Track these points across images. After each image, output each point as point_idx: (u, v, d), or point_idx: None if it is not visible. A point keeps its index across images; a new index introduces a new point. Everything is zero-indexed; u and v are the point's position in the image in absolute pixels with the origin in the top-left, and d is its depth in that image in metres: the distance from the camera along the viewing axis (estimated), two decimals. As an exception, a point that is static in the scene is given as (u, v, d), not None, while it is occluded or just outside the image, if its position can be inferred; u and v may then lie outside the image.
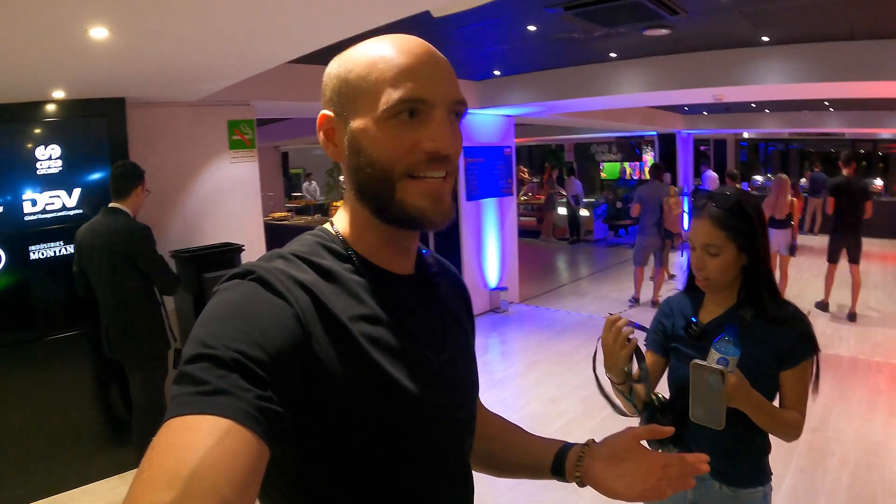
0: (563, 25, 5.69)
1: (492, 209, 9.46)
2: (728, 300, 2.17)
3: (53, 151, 4.47)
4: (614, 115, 12.17)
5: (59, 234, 4.53)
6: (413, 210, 1.05)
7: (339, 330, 0.99)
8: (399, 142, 1.02)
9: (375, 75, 1.03)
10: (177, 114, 5.47)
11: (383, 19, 3.17)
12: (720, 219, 2.07)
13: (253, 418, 0.80)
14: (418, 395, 1.07)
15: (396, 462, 1.05)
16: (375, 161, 1.03)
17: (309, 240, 1.11)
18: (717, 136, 19.57)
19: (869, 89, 7.37)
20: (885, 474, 4.53)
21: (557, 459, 1.36)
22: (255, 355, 0.85)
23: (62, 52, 3.25)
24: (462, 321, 1.30)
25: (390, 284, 1.12)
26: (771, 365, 2.07)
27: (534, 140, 21.20)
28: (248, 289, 0.96)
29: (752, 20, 5.70)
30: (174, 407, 0.79)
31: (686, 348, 2.17)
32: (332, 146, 1.10)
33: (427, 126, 1.03)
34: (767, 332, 2.06)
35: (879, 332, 8.07)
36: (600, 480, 1.27)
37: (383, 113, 1.02)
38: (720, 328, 2.02)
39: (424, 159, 1.03)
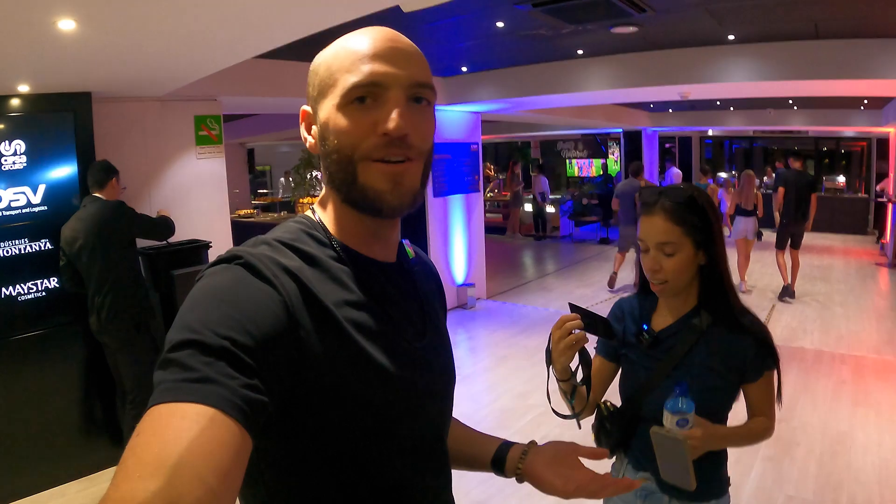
0: (530, 22, 5.70)
1: (458, 206, 9.47)
2: (683, 305, 2.03)
3: (18, 147, 4.38)
4: (581, 112, 12.24)
5: (25, 230, 4.44)
6: (372, 193, 1.06)
7: (325, 316, 1.00)
8: (357, 126, 1.04)
9: (337, 65, 1.06)
10: (144, 109, 5.42)
11: (352, 14, 3.16)
12: (675, 213, 1.92)
13: (238, 408, 0.79)
14: (403, 380, 1.08)
15: (379, 448, 1.06)
16: (339, 147, 1.05)
17: (292, 227, 1.11)
18: (683, 134, 19.73)
19: (833, 88, 7.50)
20: (850, 462, 4.62)
21: (499, 453, 1.40)
22: (242, 342, 0.85)
23: (29, 44, 3.20)
24: (438, 311, 1.32)
25: (372, 271, 1.13)
26: (729, 378, 1.96)
27: (500, 137, 21.23)
28: (236, 273, 0.96)
29: (718, 18, 5.75)
30: (159, 393, 0.79)
31: (637, 357, 2.08)
32: (310, 139, 1.13)
33: (381, 109, 1.04)
34: (725, 341, 1.95)
35: (843, 324, 8.22)
36: (540, 476, 1.31)
37: (341, 99, 1.04)
38: (673, 338, 1.99)
39: (382, 142, 1.04)
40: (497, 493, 4.22)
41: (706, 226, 1.93)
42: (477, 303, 9.65)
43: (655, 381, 1.98)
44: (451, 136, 9.19)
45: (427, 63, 1.12)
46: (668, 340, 2.01)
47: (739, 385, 1.99)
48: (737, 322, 1.96)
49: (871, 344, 7.45)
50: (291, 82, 6.45)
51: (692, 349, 1.96)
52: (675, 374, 1.95)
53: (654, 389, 1.98)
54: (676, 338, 1.99)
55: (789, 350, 7.17)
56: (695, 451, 1.81)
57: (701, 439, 1.80)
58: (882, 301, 9.70)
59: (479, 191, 9.93)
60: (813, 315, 8.68)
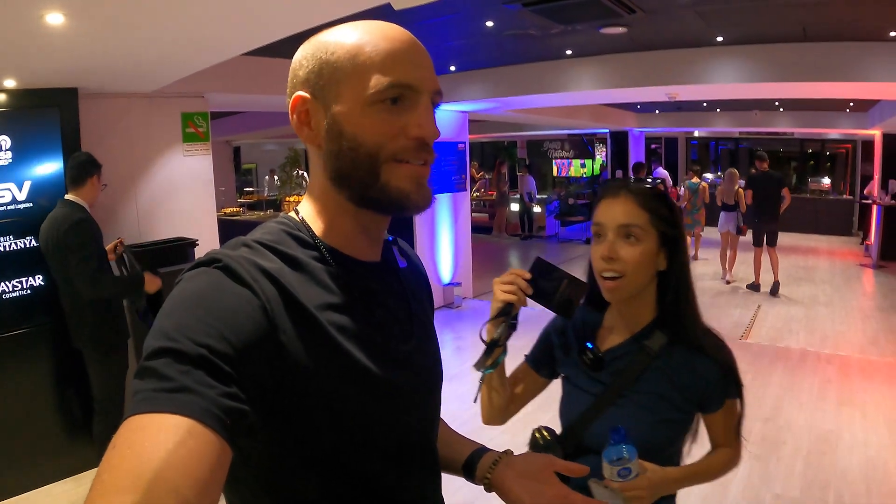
0: (520, 22, 5.71)
1: (445, 205, 9.47)
2: (636, 319, 1.77)
3: (3, 142, 4.34)
4: (568, 112, 12.27)
5: (10, 227, 4.40)
6: (397, 193, 1.04)
7: (306, 319, 0.98)
8: (386, 126, 1.02)
9: (362, 59, 1.02)
10: (130, 105, 5.38)
11: (341, 11, 3.15)
12: (643, 198, 1.69)
13: (216, 418, 0.78)
14: (387, 383, 1.07)
15: (364, 451, 1.05)
16: (361, 144, 1.02)
17: (274, 227, 1.09)
18: (669, 135, 19.81)
19: (819, 90, 7.55)
20: (836, 461, 4.65)
21: (471, 458, 1.36)
22: (220, 349, 0.83)
23: (16, 37, 3.18)
24: (426, 308, 1.30)
25: (357, 272, 1.10)
26: (685, 408, 1.72)
27: (487, 137, 21.27)
28: (214, 278, 0.93)
29: (706, 20, 5.78)
30: (136, 403, 0.77)
31: (579, 379, 1.82)
32: (307, 129, 1.06)
33: (412, 112, 1.04)
34: (683, 365, 1.70)
35: (828, 325, 8.28)
36: (509, 489, 1.27)
37: (371, 97, 1.01)
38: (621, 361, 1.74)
39: (412, 145, 1.03)
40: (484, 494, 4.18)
41: (672, 219, 1.72)
42: (463, 302, 9.65)
43: (599, 410, 1.73)
44: (438, 135, 9.15)
45: None
46: (616, 363, 1.74)
47: (695, 414, 1.75)
48: (697, 344, 1.71)
49: (856, 344, 7.50)
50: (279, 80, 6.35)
51: (643, 374, 1.70)
52: (622, 403, 1.71)
53: (597, 418, 1.73)
54: (625, 360, 1.73)
55: (775, 350, 7.22)
56: (642, 503, 1.59)
57: (648, 489, 1.58)
58: (867, 301, 9.79)
59: (466, 190, 9.94)
60: (798, 315, 8.73)
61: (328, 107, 1.03)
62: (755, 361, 6.81)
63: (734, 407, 1.78)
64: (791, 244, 14.58)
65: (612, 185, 1.76)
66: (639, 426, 1.65)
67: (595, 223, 1.74)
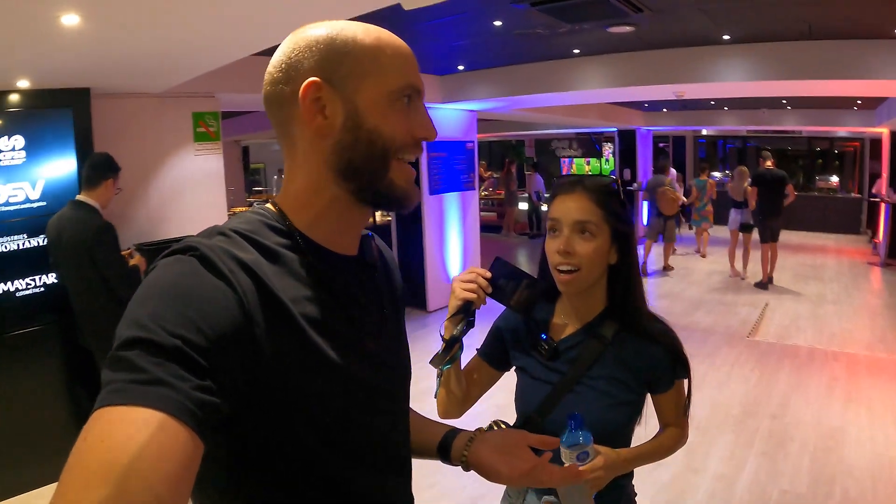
0: (528, 21, 5.73)
1: (454, 203, 9.50)
2: (587, 310, 1.85)
3: (17, 142, 4.39)
4: (575, 111, 12.27)
5: (23, 226, 4.45)
6: (400, 191, 1.08)
7: (282, 313, 0.96)
8: (403, 123, 1.06)
9: (384, 57, 1.05)
10: (142, 105, 5.43)
11: (352, 11, 3.18)
12: (598, 195, 1.75)
13: (189, 412, 0.77)
14: (359, 379, 1.07)
15: (334, 447, 1.04)
16: (379, 138, 1.04)
17: (251, 217, 1.07)
18: (677, 133, 19.76)
19: (826, 88, 7.55)
20: (843, 457, 4.67)
21: (445, 440, 1.39)
22: (195, 341, 0.82)
23: (32, 38, 3.22)
24: (398, 304, 1.31)
25: (334, 265, 1.09)
26: (638, 390, 1.81)
27: (494, 136, 21.26)
28: (189, 267, 0.92)
29: (713, 19, 5.80)
30: (108, 394, 0.76)
31: (534, 370, 1.88)
32: (320, 118, 1.03)
33: (418, 114, 1.08)
34: (634, 350, 1.79)
35: (836, 323, 8.28)
36: (487, 464, 1.31)
37: (393, 94, 1.04)
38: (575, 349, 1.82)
39: (413, 144, 1.08)
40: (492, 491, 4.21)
41: (626, 218, 1.79)
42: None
43: (558, 397, 1.80)
44: (447, 135, 9.21)
45: None
46: (570, 351, 1.83)
47: (645, 396, 1.85)
48: (645, 330, 1.81)
49: (864, 341, 7.50)
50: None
51: (597, 360, 1.79)
52: (579, 389, 1.79)
53: (556, 406, 1.80)
54: (579, 348, 1.82)
55: (782, 348, 7.23)
56: (600, 482, 1.65)
57: (605, 469, 1.64)
58: (874, 299, 9.79)
59: (475, 189, 9.97)
60: (806, 313, 8.73)
61: (348, 99, 1.03)
62: (762, 359, 6.84)
63: (682, 387, 1.89)
64: (799, 242, 14.57)
65: (568, 181, 1.81)
66: (596, 410, 1.74)
67: (551, 218, 1.79)
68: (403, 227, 9.37)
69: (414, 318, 8.87)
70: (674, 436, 1.90)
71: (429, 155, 8.89)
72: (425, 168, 8.87)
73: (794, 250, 13.42)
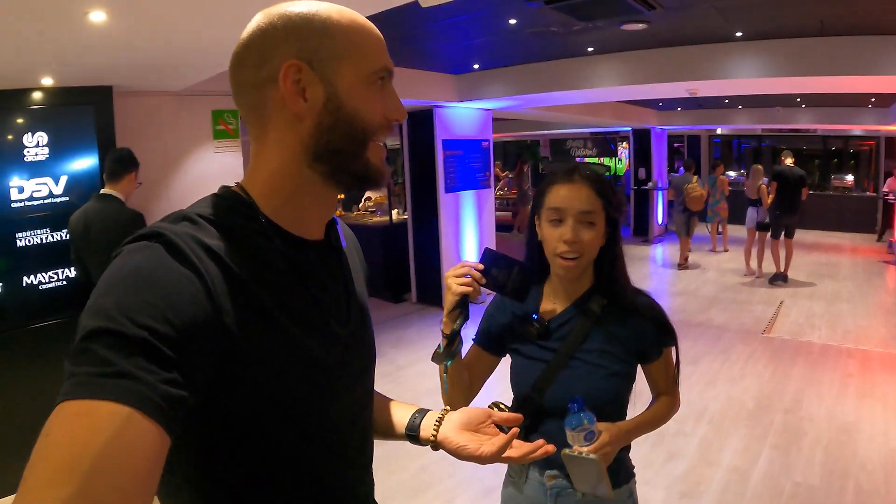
0: (542, 19, 5.77)
1: (469, 201, 9.54)
2: (577, 289, 1.93)
3: (41, 139, 4.48)
4: (590, 109, 12.29)
5: (46, 220, 4.55)
6: (375, 171, 1.08)
7: (249, 299, 0.95)
8: (379, 105, 1.07)
9: (360, 38, 1.05)
10: (162, 103, 5.51)
11: (371, 9, 3.21)
12: (598, 185, 1.84)
13: (156, 406, 0.76)
14: (327, 364, 1.07)
15: (300, 433, 1.03)
16: (359, 119, 1.04)
17: (216, 201, 1.05)
18: (691, 133, 19.73)
19: (839, 84, 7.54)
20: (856, 451, 4.69)
21: (412, 422, 1.38)
22: (162, 331, 0.80)
23: (58, 36, 3.27)
24: (363, 291, 1.30)
25: (300, 249, 1.08)
26: (630, 361, 1.89)
27: (509, 136, 21.28)
28: (155, 254, 0.89)
29: (725, 15, 5.81)
30: (71, 387, 0.74)
31: (528, 350, 1.95)
32: (300, 101, 1.02)
33: (391, 97, 1.10)
34: (622, 323, 1.88)
35: (850, 320, 8.28)
36: (454, 442, 1.30)
37: (372, 75, 1.05)
38: (566, 326, 1.89)
39: (387, 125, 1.09)
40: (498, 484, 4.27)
41: (618, 205, 1.89)
42: (488, 297, 9.58)
43: (553, 374, 1.87)
44: (462, 133, 9.27)
45: None
46: (561, 329, 1.90)
47: (636, 367, 1.93)
48: (632, 303, 1.90)
49: (878, 338, 7.50)
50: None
51: (588, 335, 1.87)
52: (573, 364, 1.86)
53: (553, 382, 1.86)
54: (570, 325, 1.89)
55: (796, 344, 7.25)
56: (608, 458, 1.74)
57: (612, 444, 1.72)
58: (889, 297, 9.77)
59: (490, 187, 10.00)
60: (820, 311, 8.73)
61: (328, 81, 1.02)
62: (777, 355, 6.86)
63: (670, 356, 1.98)
64: (814, 241, 14.53)
65: (565, 170, 1.89)
66: (591, 382, 1.83)
67: (554, 208, 1.84)
68: (419, 224, 9.43)
69: (430, 315, 8.95)
70: (667, 403, 2.01)
71: (444, 153, 8.95)
72: (441, 166, 8.93)
73: (809, 249, 13.39)
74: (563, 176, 1.87)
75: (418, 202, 9.38)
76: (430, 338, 7.94)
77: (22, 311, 4.48)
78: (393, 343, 7.68)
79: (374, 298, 9.55)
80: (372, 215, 10.90)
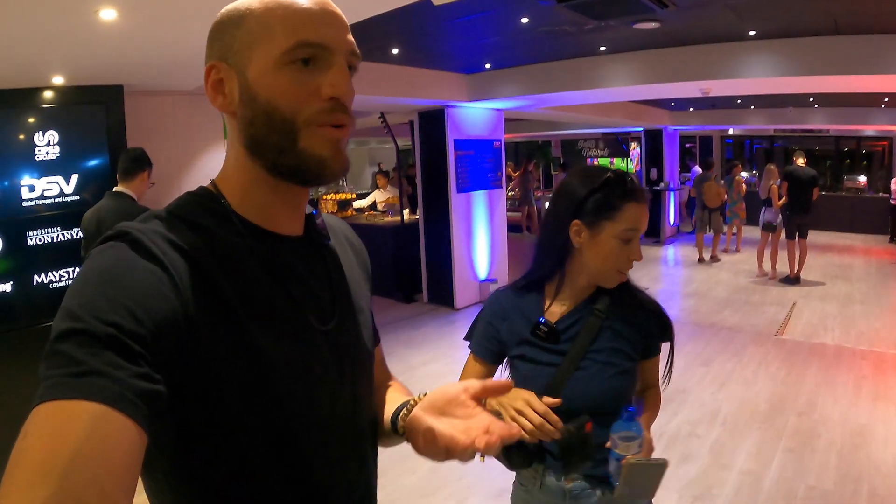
0: (554, 18, 5.75)
1: (481, 201, 9.52)
2: (582, 291, 1.93)
3: (52, 137, 4.51)
4: (602, 109, 12.26)
5: (57, 219, 4.58)
6: (314, 160, 1.00)
7: (218, 296, 0.94)
8: (300, 88, 0.98)
9: (273, 21, 0.98)
10: (173, 103, 5.52)
11: (384, 7, 3.22)
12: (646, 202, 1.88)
13: (129, 402, 0.75)
14: (299, 364, 1.02)
15: (279, 435, 1.00)
16: (275, 108, 0.98)
17: (188, 199, 1.04)
18: (703, 133, 19.69)
19: (852, 84, 7.50)
20: (870, 454, 4.64)
21: (395, 416, 1.23)
22: (130, 328, 0.80)
23: (68, 33, 3.29)
24: (358, 286, 1.24)
25: (275, 246, 1.05)
26: (632, 356, 1.90)
27: (521, 136, 21.25)
28: (120, 252, 0.89)
29: (738, 14, 5.78)
30: (45, 390, 0.74)
31: (536, 354, 1.91)
32: (220, 98, 1.02)
33: (326, 72, 0.99)
34: (626, 321, 1.90)
35: (863, 322, 8.21)
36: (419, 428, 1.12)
37: (282, 57, 0.97)
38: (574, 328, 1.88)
39: (327, 107, 0.99)
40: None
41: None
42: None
43: (567, 375, 1.84)
44: (474, 133, 9.26)
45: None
46: (570, 330, 1.89)
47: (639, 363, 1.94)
48: (635, 301, 1.94)
49: (892, 340, 7.43)
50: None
51: (597, 334, 1.87)
52: (585, 364, 1.85)
53: (564, 385, 1.83)
54: (579, 326, 1.88)
55: (810, 346, 7.20)
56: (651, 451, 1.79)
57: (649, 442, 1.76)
58: (903, 299, 9.70)
59: (502, 187, 9.98)
60: (833, 312, 8.67)
61: (241, 72, 0.99)
62: (790, 357, 6.81)
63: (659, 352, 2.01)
64: (826, 242, 14.45)
65: (635, 188, 1.86)
66: (604, 380, 1.85)
67: (632, 228, 1.83)
68: (431, 224, 9.42)
69: (441, 316, 8.94)
70: (658, 394, 2.09)
71: (456, 153, 8.93)
72: (453, 166, 8.92)
73: (822, 250, 13.31)
74: (639, 194, 1.86)
75: (430, 202, 9.37)
76: (442, 338, 7.95)
77: (32, 309, 4.50)
78: (404, 342, 7.68)
79: (385, 298, 9.62)
80: (383, 215, 10.89)
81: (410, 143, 9.75)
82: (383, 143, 19.03)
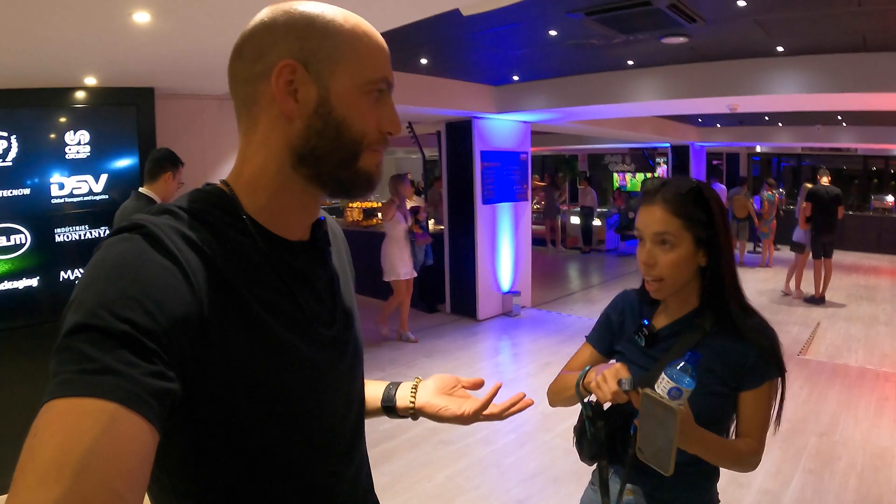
0: (583, 31, 5.76)
1: (506, 213, 9.55)
2: (683, 307, 1.87)
3: (82, 137, 4.57)
4: (629, 124, 12.24)
5: (85, 217, 4.63)
6: (366, 177, 1.07)
7: (232, 294, 0.94)
8: (373, 115, 1.04)
9: (362, 45, 1.03)
10: (203, 106, 5.57)
11: (414, 16, 3.23)
12: (675, 204, 1.76)
13: (142, 401, 0.75)
14: (312, 364, 1.05)
15: (286, 434, 1.01)
16: (348, 128, 1.02)
17: (200, 196, 1.03)
18: (730, 150, 19.58)
19: (881, 101, 7.44)
20: (891, 477, 4.58)
21: (387, 396, 1.44)
22: (144, 324, 0.79)
23: (102, 36, 3.33)
24: (350, 291, 1.28)
25: (284, 250, 1.06)
26: (727, 382, 1.77)
27: (547, 150, 21.24)
28: (136, 245, 0.88)
29: (766, 29, 5.77)
30: (56, 386, 0.73)
31: (633, 354, 1.92)
32: (291, 101, 1.01)
33: (387, 107, 1.07)
34: (728, 343, 1.78)
35: (888, 343, 8.12)
36: (434, 405, 1.40)
37: (366, 85, 1.03)
38: (674, 338, 1.84)
39: (382, 137, 1.07)
40: (537, 493, 4.27)
41: (709, 222, 1.77)
42: (522, 311, 9.69)
43: (651, 382, 1.66)
44: (500, 145, 9.29)
45: None
46: (669, 340, 1.85)
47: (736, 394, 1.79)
48: (736, 326, 1.78)
49: (917, 363, 7.34)
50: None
51: (695, 349, 1.72)
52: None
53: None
54: (677, 337, 1.84)
55: (833, 367, 7.12)
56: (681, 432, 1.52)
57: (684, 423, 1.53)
58: (929, 322, 9.58)
59: (528, 200, 9.99)
60: (858, 334, 8.58)
61: (322, 83, 1.01)
62: (812, 377, 6.74)
63: (770, 392, 1.80)
64: (853, 263, 14.31)
65: (650, 190, 1.84)
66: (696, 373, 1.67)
67: (636, 228, 1.85)
68: (455, 235, 9.44)
69: (463, 326, 8.96)
70: (749, 446, 1.78)
71: (482, 165, 8.96)
72: (479, 177, 8.95)
73: (848, 270, 13.19)
74: (648, 196, 1.83)
75: (455, 213, 9.39)
76: (464, 348, 7.97)
77: (57, 304, 4.54)
78: (426, 353, 7.70)
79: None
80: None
81: (437, 153, 9.78)
82: (410, 153, 19.06)
